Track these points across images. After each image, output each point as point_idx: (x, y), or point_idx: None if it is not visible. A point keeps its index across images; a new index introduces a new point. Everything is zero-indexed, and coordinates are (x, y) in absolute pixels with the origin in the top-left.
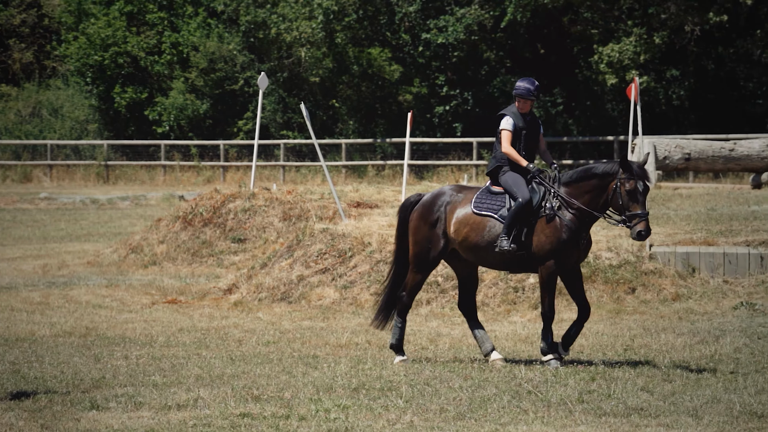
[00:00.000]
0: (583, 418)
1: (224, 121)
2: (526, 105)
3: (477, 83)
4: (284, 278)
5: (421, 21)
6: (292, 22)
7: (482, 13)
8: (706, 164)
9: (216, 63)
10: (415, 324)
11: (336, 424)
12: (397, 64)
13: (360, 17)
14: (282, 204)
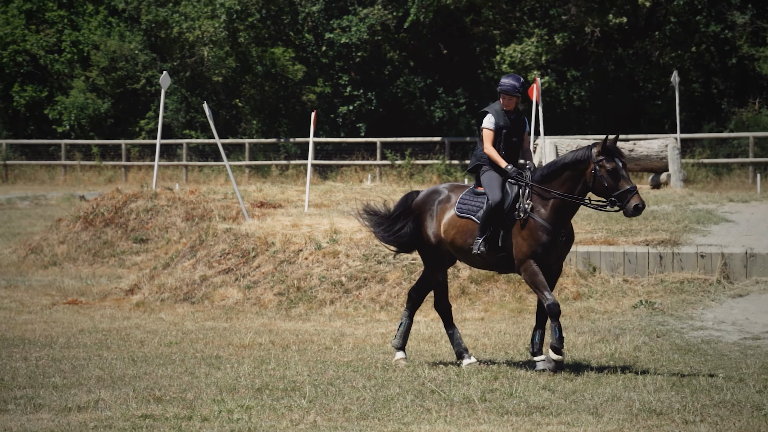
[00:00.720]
0: (485, 417)
1: (126, 120)
2: (510, 102)
3: (380, 83)
4: (187, 278)
5: (325, 21)
6: (194, 21)
7: (385, 13)
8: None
9: (117, 62)
10: (318, 324)
11: (239, 424)
12: (301, 64)
13: (263, 17)
14: (185, 204)
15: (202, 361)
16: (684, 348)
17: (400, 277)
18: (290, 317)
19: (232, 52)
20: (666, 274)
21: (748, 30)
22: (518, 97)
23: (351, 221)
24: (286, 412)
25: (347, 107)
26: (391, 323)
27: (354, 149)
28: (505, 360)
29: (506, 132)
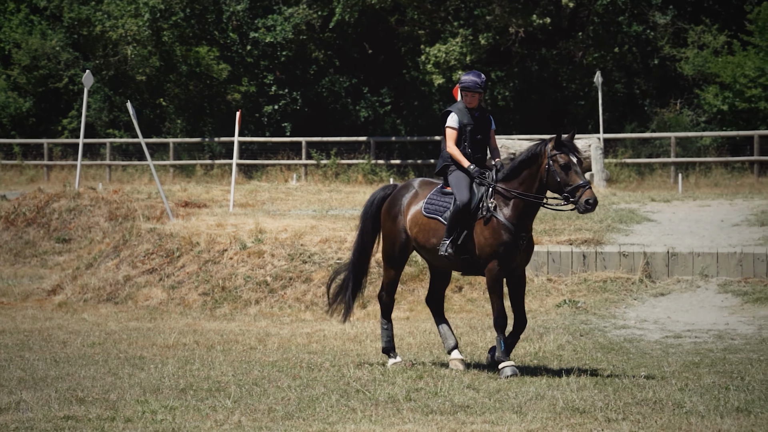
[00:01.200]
0: (410, 416)
1: (48, 119)
2: (473, 99)
3: (306, 83)
4: (110, 279)
5: (249, 20)
6: (117, 19)
7: (310, 12)
8: None
9: (39, 60)
10: (243, 324)
11: (163, 425)
12: (225, 63)
13: (187, 16)
14: (108, 204)
15: (126, 361)
16: (607, 346)
17: (325, 277)
18: (215, 317)
19: (155, 51)
20: (589, 274)
21: (670, 31)
22: (480, 94)
23: (276, 220)
24: (211, 412)
25: (272, 107)
26: (316, 323)
27: (279, 149)
28: (430, 359)
29: (470, 130)
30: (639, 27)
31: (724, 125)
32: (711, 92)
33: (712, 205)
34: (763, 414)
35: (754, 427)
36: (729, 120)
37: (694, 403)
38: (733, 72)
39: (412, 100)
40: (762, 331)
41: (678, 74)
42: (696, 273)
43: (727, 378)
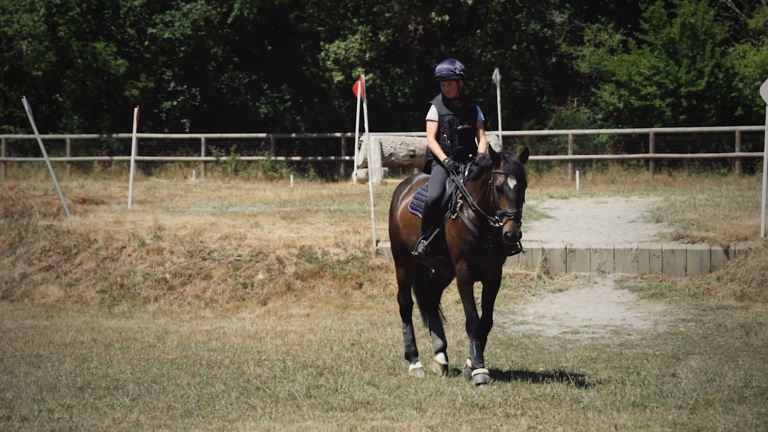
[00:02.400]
0: (310, 413)
1: None
2: (451, 88)
3: (205, 79)
4: (6, 276)
5: (147, 15)
6: (12, 14)
7: (209, 8)
8: None
9: None
10: (142, 321)
11: (60, 424)
12: (123, 59)
13: (83, 11)
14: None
15: (22, 360)
16: (506, 342)
17: (226, 274)
18: (113, 315)
19: (51, 46)
20: None
21: (567, 29)
22: (457, 81)
23: (175, 217)
24: (109, 410)
25: (171, 103)
26: (215, 320)
27: (178, 145)
28: (330, 356)
29: (449, 120)
30: (536, 25)
31: (620, 123)
32: (607, 90)
33: (608, 201)
34: (658, 408)
35: (649, 421)
36: (625, 118)
37: (591, 398)
38: (628, 70)
39: (312, 96)
40: (657, 327)
41: (575, 72)
42: (593, 269)
43: (623, 373)
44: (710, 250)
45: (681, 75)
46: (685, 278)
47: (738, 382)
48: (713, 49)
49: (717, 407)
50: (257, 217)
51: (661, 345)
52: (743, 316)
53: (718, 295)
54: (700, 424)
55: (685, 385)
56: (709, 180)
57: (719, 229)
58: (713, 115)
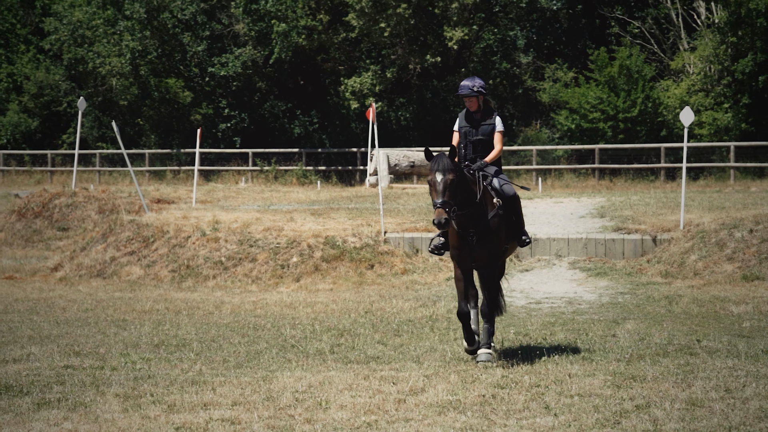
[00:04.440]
0: (333, 365)
1: (51, 135)
2: (471, 103)
3: (251, 106)
4: (100, 259)
5: (208, 58)
6: (105, 58)
7: (255, 52)
8: (426, 170)
9: (44, 89)
10: (203, 294)
11: (141, 372)
12: (189, 91)
13: (159, 54)
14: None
15: (112, 323)
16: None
17: (268, 257)
18: (181, 289)
19: (134, 82)
20: None
21: (531, 68)
22: (477, 97)
23: (229, 214)
24: (178, 362)
25: (225, 125)
26: (260, 293)
27: (231, 158)
28: (348, 321)
29: (466, 131)
30: (507, 64)
31: (573, 140)
32: (563, 115)
33: (564, 201)
34: (601, 361)
35: (595, 371)
36: (576, 136)
37: (550, 353)
38: (579, 100)
39: (334, 120)
40: (602, 298)
41: (537, 101)
42: (552, 254)
43: (575, 334)
44: (642, 239)
45: (619, 104)
46: (623, 261)
47: (663, 340)
48: (644, 84)
49: (647, 360)
50: (292, 213)
51: (604, 312)
52: (667, 290)
53: (648, 273)
54: (634, 372)
55: (623, 343)
56: (641, 185)
57: (649, 222)
58: (644, 135)
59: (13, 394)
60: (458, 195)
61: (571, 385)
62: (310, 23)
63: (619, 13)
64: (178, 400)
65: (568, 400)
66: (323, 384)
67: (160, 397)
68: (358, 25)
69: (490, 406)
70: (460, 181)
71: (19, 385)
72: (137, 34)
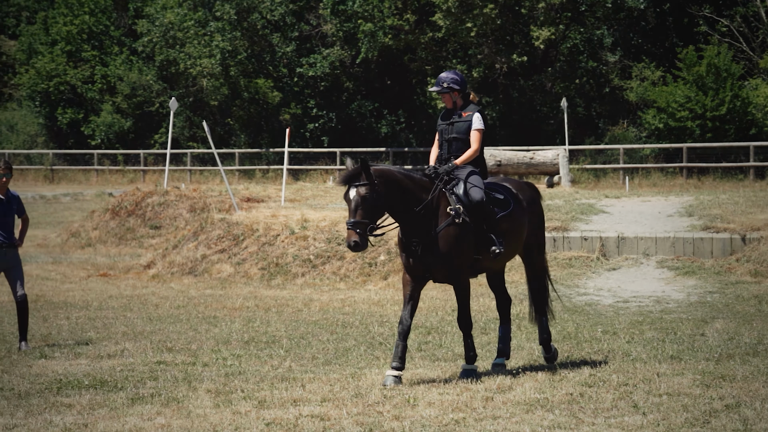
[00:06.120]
0: (421, 363)
1: (144, 135)
2: (446, 99)
3: (339, 106)
4: (191, 257)
5: (296, 58)
6: (196, 59)
7: (342, 52)
8: (512, 168)
9: (137, 90)
10: (292, 292)
11: (231, 369)
12: (278, 92)
13: (249, 55)
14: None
15: (203, 320)
16: (572, 309)
17: (355, 255)
18: (270, 287)
19: (225, 82)
20: (558, 253)
21: (618, 67)
22: (450, 93)
23: (317, 212)
24: (268, 359)
25: (314, 124)
26: (348, 291)
27: (319, 157)
28: (436, 319)
29: (442, 129)
30: (594, 63)
31: (660, 139)
32: (650, 114)
33: (651, 200)
34: (690, 360)
35: (684, 370)
36: (664, 135)
37: (638, 352)
38: (666, 99)
39: (421, 119)
40: (690, 297)
41: (625, 100)
42: (640, 252)
43: (663, 333)
44: (731, 238)
45: (707, 102)
46: (711, 260)
47: (753, 340)
48: (732, 83)
49: (736, 359)
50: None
51: (693, 311)
52: (757, 289)
53: (737, 272)
54: (724, 372)
55: (711, 342)
56: (730, 184)
57: (738, 221)
58: (732, 134)
59: (108, 389)
60: (381, 208)
61: (659, 384)
62: (397, 23)
63: (708, 11)
64: (268, 396)
65: (657, 399)
66: (411, 381)
67: (251, 393)
68: (444, 24)
69: (578, 405)
70: (388, 191)
71: (114, 380)
72: (227, 35)
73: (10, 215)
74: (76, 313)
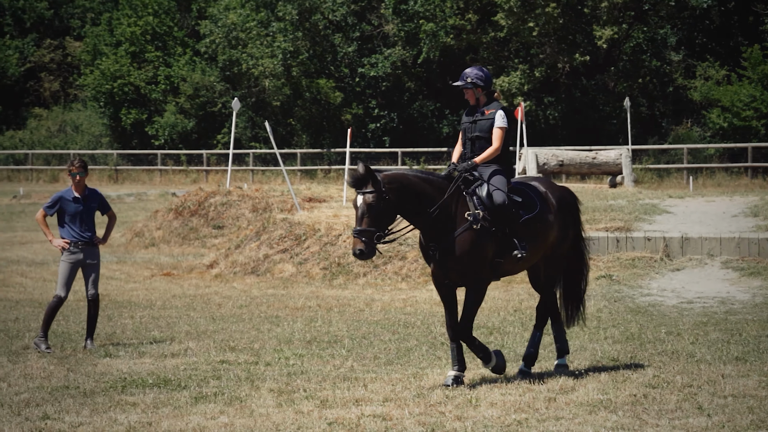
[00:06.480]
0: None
1: (206, 135)
2: (469, 95)
3: (400, 106)
4: (253, 256)
5: (358, 58)
6: (258, 59)
7: (404, 52)
8: (575, 169)
9: (200, 91)
10: (354, 292)
11: (294, 368)
12: (339, 92)
13: (311, 56)
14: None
15: (265, 319)
16: (635, 310)
17: (417, 255)
18: (332, 286)
19: (286, 82)
20: (621, 253)
21: (682, 66)
22: (473, 89)
23: None
24: (330, 359)
25: (375, 125)
26: (410, 291)
27: (380, 157)
28: (498, 319)
29: (465, 128)
30: (658, 63)
31: (725, 139)
32: (714, 113)
33: (716, 200)
34: (756, 362)
35: (749, 372)
36: (728, 135)
37: (702, 353)
38: (731, 98)
39: None
40: (755, 298)
41: (689, 99)
42: (704, 253)
43: (728, 334)
44: None
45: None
46: None
47: None
48: None
49: None
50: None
51: (758, 312)
52: None
53: None
54: None
55: None
56: None
57: None
58: None
59: (172, 387)
60: (390, 215)
61: (724, 385)
62: (459, 23)
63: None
64: (331, 395)
65: (722, 401)
66: (473, 381)
67: (313, 392)
68: (506, 24)
69: (642, 406)
70: (400, 197)
71: (177, 379)
72: (289, 35)
73: (88, 213)
74: (140, 312)
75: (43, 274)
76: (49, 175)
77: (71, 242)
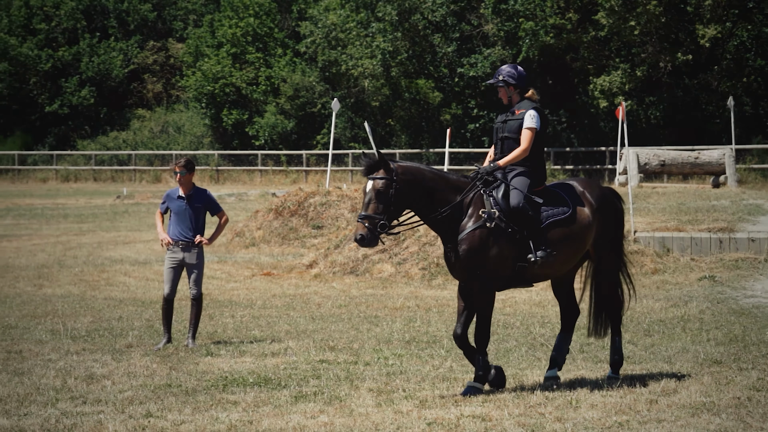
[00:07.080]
0: (583, 365)
1: (306, 135)
2: (501, 93)
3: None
4: (352, 257)
5: (457, 59)
6: (357, 60)
7: (503, 51)
8: (677, 169)
9: (300, 91)
10: (453, 292)
11: (393, 368)
12: (439, 92)
13: (410, 56)
14: (350, 199)
15: (365, 319)
16: (738, 311)
17: None
18: (431, 287)
19: (386, 83)
20: (724, 254)
21: None
22: (505, 87)
23: None
24: (429, 359)
25: (474, 125)
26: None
27: (479, 157)
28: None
29: (497, 128)
30: (763, 62)
31: None
32: None
33: None
34: None
35: None
36: None
37: None
38: None
39: (583, 119)
40: None
41: None
42: None
43: None
44: None
45: None
46: None
47: None
48: None
49: None
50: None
51: None
52: None
53: None
54: None
55: None
56: None
57: None
58: None
59: (272, 386)
60: (398, 206)
61: None
62: (559, 22)
63: None
64: (430, 395)
65: None
66: (573, 383)
67: (412, 392)
68: (607, 23)
69: (746, 409)
70: (411, 190)
71: (278, 378)
72: (389, 35)
73: (193, 212)
74: (240, 311)
75: (146, 273)
76: (151, 176)
77: (173, 241)
